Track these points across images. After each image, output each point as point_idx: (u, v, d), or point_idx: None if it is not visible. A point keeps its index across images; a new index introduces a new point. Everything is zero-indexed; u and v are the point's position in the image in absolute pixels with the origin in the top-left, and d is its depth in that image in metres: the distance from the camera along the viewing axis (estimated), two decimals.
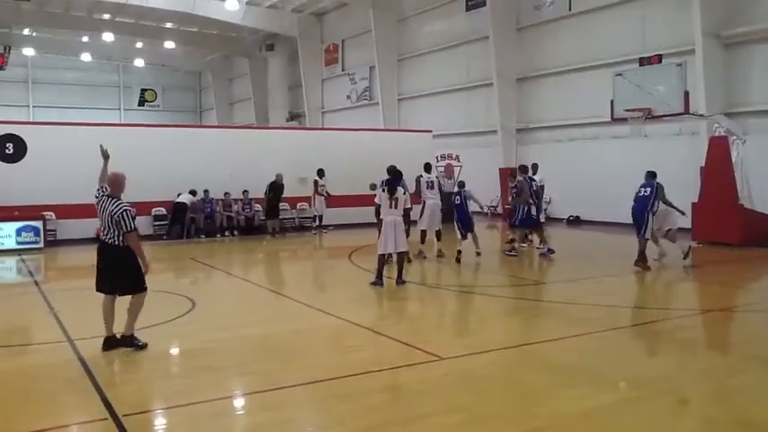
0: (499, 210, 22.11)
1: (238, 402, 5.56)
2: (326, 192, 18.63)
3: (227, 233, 18.17)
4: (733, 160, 15.02)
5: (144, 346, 6.70)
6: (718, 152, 15.09)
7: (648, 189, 11.83)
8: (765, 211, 14.97)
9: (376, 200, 10.32)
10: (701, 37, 16.63)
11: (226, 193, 18.18)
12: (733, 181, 14.84)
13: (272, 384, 5.70)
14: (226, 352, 6.91)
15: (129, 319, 6.72)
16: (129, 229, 6.59)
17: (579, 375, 5.99)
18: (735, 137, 15.28)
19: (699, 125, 17.02)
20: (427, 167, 14.15)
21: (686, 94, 14.40)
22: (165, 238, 17.32)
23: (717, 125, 15.56)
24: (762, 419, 4.81)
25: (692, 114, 15.20)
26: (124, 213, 6.58)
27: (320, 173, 18.59)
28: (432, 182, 13.81)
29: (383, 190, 10.21)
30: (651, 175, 12.08)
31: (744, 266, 12.83)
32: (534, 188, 13.64)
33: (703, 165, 15.60)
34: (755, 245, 14.03)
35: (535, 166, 14.87)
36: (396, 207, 10.11)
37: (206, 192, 17.93)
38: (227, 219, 18.22)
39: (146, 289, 6.77)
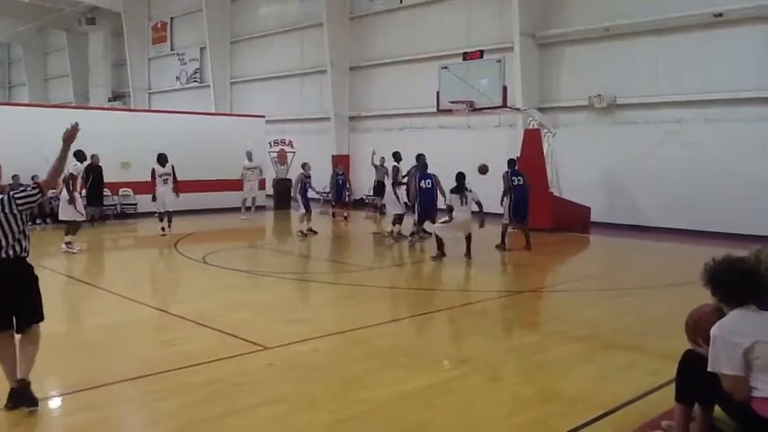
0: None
1: (54, 403, 5.11)
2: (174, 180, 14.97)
3: (38, 221, 16.68)
4: (544, 151, 16.29)
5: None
6: (532, 144, 16.29)
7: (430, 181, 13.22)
8: (572, 199, 16.42)
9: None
10: (518, 36, 17.83)
11: (33, 176, 16.50)
12: (544, 171, 16.08)
13: (90, 383, 5.32)
14: None
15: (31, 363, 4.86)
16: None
17: (400, 358, 6.18)
18: (546, 130, 16.57)
19: (516, 118, 18.25)
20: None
21: (504, 88, 15.37)
22: None
23: (531, 119, 16.80)
24: (564, 392, 5.24)
25: (510, 108, 16.27)
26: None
27: (161, 159, 14.92)
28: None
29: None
30: (424, 165, 13.64)
31: (553, 249, 13.97)
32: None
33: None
34: (563, 230, 15.39)
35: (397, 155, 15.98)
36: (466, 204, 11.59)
37: (14, 177, 16.26)
38: (38, 207, 16.68)
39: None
